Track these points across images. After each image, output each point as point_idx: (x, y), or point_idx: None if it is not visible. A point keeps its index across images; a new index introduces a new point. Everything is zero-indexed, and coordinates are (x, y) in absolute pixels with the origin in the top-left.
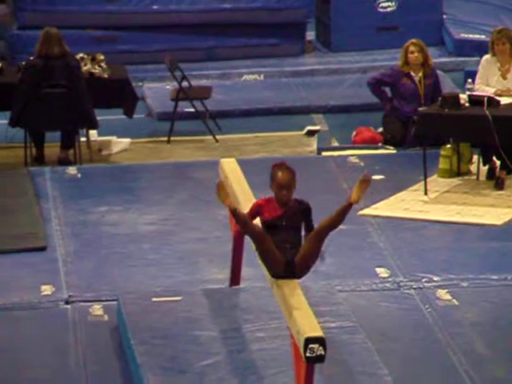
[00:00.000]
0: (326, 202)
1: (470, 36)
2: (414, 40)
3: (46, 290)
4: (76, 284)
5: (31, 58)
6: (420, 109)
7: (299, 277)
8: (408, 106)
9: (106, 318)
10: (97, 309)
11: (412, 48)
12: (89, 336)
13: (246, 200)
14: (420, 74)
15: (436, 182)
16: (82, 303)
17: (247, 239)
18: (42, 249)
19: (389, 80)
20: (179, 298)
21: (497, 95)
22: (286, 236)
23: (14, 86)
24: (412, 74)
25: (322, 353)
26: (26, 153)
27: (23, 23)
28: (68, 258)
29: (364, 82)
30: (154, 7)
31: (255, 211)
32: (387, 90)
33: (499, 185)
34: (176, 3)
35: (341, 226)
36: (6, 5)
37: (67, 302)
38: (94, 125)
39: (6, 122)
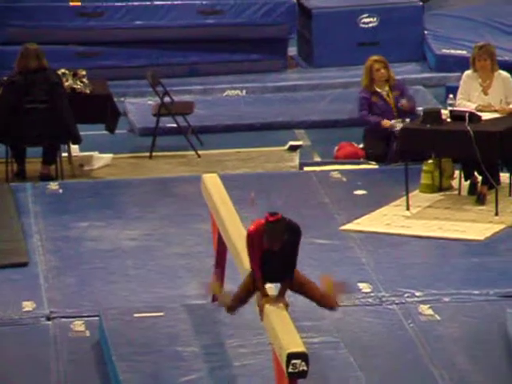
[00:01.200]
0: (308, 217)
1: (452, 51)
2: (376, 57)
3: (28, 306)
4: (57, 300)
5: (12, 74)
6: (393, 122)
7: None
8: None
9: (87, 333)
10: (78, 325)
11: (377, 65)
12: (70, 352)
13: (228, 216)
14: (386, 89)
15: (418, 198)
16: (64, 319)
17: (229, 255)
18: (24, 264)
19: (369, 102)
20: (161, 314)
21: (478, 111)
22: (278, 266)
23: None
24: (378, 90)
25: (305, 368)
26: (7, 168)
27: (5, 39)
28: (49, 273)
29: (345, 97)
30: (137, 23)
31: (254, 241)
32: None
33: (481, 200)
34: (158, 19)
35: (323, 241)
36: None
37: (48, 318)
38: (76, 140)
39: None
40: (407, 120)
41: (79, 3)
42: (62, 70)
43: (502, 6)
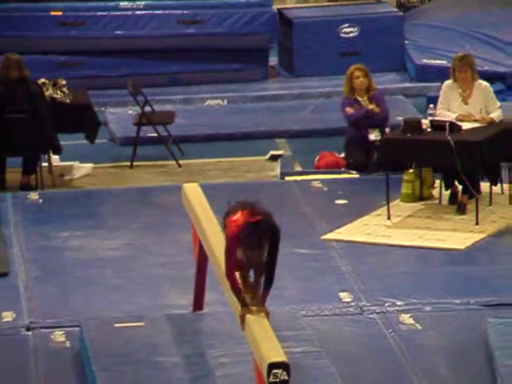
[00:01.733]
0: (290, 226)
1: (432, 61)
2: (357, 65)
3: (7, 316)
4: (37, 310)
5: None
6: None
7: None
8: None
9: (67, 344)
10: (59, 335)
11: (357, 73)
12: (50, 363)
13: (209, 225)
14: (365, 98)
15: (399, 207)
16: (44, 329)
17: (210, 264)
18: (4, 275)
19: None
20: (142, 324)
21: (459, 120)
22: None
23: None
24: (359, 98)
25: (286, 378)
26: None
27: None
28: (30, 283)
29: (326, 107)
30: (117, 32)
31: (236, 247)
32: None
33: (461, 209)
34: (139, 28)
35: (304, 251)
36: None
37: (28, 329)
38: (57, 150)
39: None
40: (387, 130)
41: (60, 13)
42: (42, 80)
43: (480, 16)
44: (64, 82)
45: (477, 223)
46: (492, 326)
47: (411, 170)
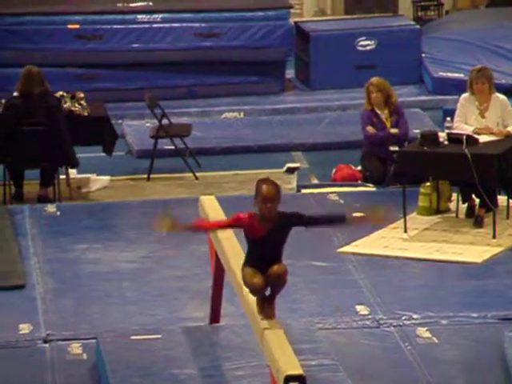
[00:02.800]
0: (306, 239)
1: (449, 74)
2: (372, 80)
3: (24, 328)
4: (54, 322)
5: (12, 95)
6: (391, 148)
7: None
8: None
9: (84, 356)
10: (75, 347)
11: (371, 88)
12: (67, 375)
13: (225, 237)
14: (386, 112)
15: (415, 220)
16: (61, 342)
17: (226, 277)
18: (21, 287)
19: (370, 120)
20: (158, 336)
21: (475, 133)
22: (265, 252)
23: None
24: (378, 112)
25: None
26: (4, 191)
27: (3, 61)
28: (47, 296)
29: (343, 120)
30: (135, 45)
31: (236, 224)
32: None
33: (478, 223)
34: (157, 41)
35: (321, 263)
36: None
37: (45, 341)
38: (74, 164)
39: None
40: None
41: (78, 26)
42: (61, 93)
43: (496, 29)
44: (82, 95)
45: (494, 237)
46: (509, 339)
47: (428, 183)
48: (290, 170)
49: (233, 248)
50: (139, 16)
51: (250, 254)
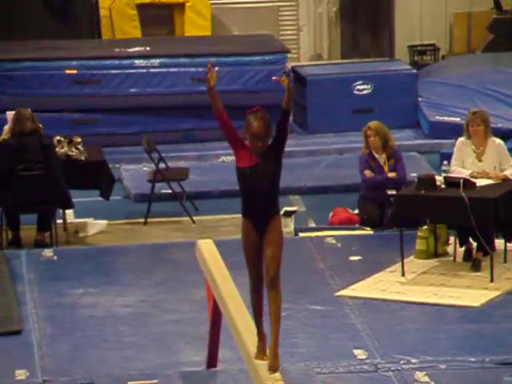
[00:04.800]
0: (304, 282)
1: (445, 118)
2: (370, 124)
3: (21, 374)
4: (51, 368)
5: (5, 137)
6: (389, 192)
7: None
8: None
9: None
10: None
11: (368, 132)
12: None
13: (223, 281)
14: (384, 156)
15: (413, 264)
16: None
17: (224, 321)
18: (17, 332)
19: (368, 164)
20: (155, 381)
21: (472, 177)
22: (260, 184)
23: None
24: (376, 155)
25: None
26: (1, 235)
27: (1, 107)
28: (43, 341)
29: (340, 163)
30: (132, 90)
31: (237, 140)
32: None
33: (476, 266)
34: (153, 86)
35: (318, 307)
36: None
37: None
38: (69, 204)
39: None
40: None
41: (75, 71)
42: (58, 137)
43: (492, 73)
44: (79, 140)
45: (492, 280)
46: None
47: (425, 227)
48: (288, 214)
49: (230, 293)
50: (136, 61)
51: (243, 194)
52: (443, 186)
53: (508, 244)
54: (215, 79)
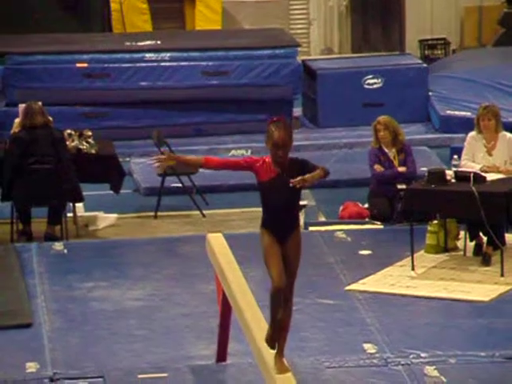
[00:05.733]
0: (313, 277)
1: (456, 113)
2: (379, 118)
3: (31, 367)
4: (61, 361)
5: (16, 131)
6: (399, 186)
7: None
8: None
9: None
10: None
11: (378, 126)
12: None
13: (233, 275)
14: (393, 150)
15: (423, 258)
16: (67, 380)
17: (233, 315)
18: (27, 325)
19: (378, 158)
20: (165, 375)
21: (483, 171)
22: (280, 196)
23: (1, 162)
24: (386, 150)
25: None
26: (12, 229)
27: (12, 100)
28: (53, 334)
29: (350, 157)
30: (143, 84)
31: (247, 165)
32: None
33: (486, 261)
34: (164, 80)
35: (328, 301)
36: None
37: (52, 380)
38: (79, 196)
39: None
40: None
41: (86, 65)
42: (68, 131)
43: (504, 68)
44: (90, 133)
45: (502, 275)
46: None
47: (435, 221)
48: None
49: (240, 287)
50: (147, 55)
51: (265, 207)
52: (453, 180)
53: None
54: (170, 158)
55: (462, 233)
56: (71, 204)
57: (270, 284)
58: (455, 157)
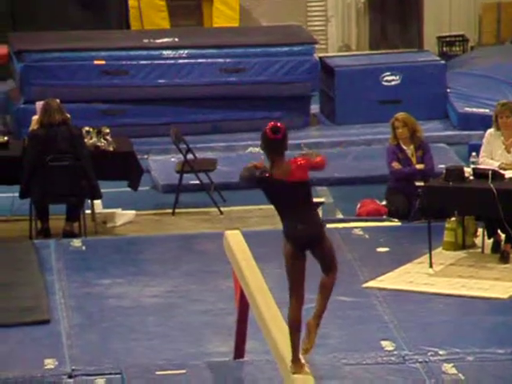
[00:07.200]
0: None
1: (474, 110)
2: (397, 115)
3: (49, 363)
4: (79, 357)
5: (34, 128)
6: (417, 183)
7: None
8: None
9: None
10: (100, 382)
11: (396, 124)
12: None
13: (250, 272)
14: (411, 147)
15: (441, 255)
16: (85, 377)
17: (251, 312)
18: (46, 322)
19: (396, 155)
20: (183, 371)
21: (501, 169)
22: (293, 206)
23: (20, 159)
24: (404, 147)
25: None
26: (30, 225)
27: (29, 97)
28: (71, 330)
29: (368, 154)
30: (160, 81)
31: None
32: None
33: (504, 258)
34: (181, 77)
35: (346, 298)
36: (13, 80)
37: (70, 376)
38: (97, 193)
39: (11, 195)
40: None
41: (103, 62)
42: (86, 128)
43: None
44: (108, 130)
45: None
46: None
47: (453, 218)
48: (315, 205)
49: (257, 284)
50: (165, 52)
51: (283, 220)
52: (471, 177)
53: None
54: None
55: (479, 230)
56: (89, 201)
57: (286, 281)
58: (473, 154)
